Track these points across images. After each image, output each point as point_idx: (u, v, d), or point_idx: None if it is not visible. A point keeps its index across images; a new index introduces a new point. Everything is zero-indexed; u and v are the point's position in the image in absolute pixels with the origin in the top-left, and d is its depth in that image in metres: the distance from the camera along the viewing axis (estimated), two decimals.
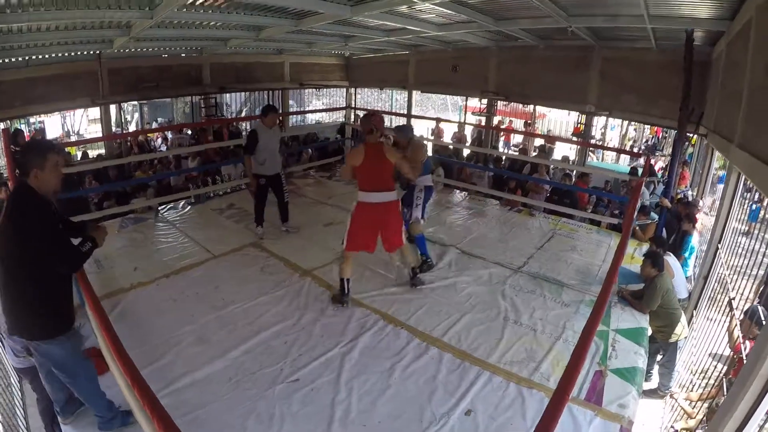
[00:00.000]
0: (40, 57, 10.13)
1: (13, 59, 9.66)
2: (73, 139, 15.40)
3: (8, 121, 10.79)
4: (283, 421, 3.43)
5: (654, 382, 5.98)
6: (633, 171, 10.53)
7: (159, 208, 7.83)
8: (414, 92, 16.32)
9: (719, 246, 6.56)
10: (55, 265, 2.91)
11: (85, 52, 10.69)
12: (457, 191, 9.32)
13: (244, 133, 14.17)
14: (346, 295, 4.98)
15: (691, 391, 5.70)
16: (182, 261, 5.94)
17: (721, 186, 8.33)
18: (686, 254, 7.01)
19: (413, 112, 15.85)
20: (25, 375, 4.68)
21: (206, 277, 5.56)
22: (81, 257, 3.09)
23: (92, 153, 13.55)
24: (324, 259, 6.05)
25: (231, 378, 3.85)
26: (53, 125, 15.34)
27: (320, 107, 19.28)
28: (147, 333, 4.25)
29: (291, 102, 17.25)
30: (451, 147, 12.70)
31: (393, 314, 4.83)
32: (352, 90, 18.08)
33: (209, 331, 4.46)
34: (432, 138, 13.68)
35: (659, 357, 5.88)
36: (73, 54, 10.61)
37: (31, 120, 13.11)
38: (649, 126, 16.46)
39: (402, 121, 14.72)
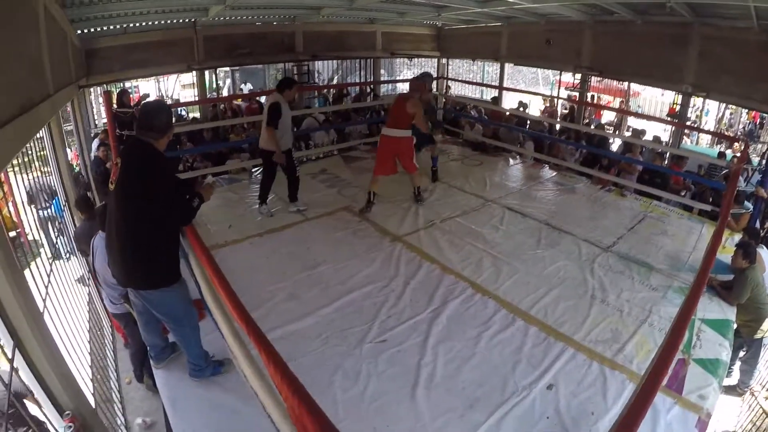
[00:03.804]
0: (138, 25, 10.56)
1: (111, 27, 10.10)
2: (168, 102, 15.91)
3: (105, 85, 11.31)
4: (369, 379, 3.55)
5: (734, 379, 5.80)
6: (721, 155, 10.07)
7: (253, 170, 8.12)
8: (506, 65, 16.04)
9: None
10: (173, 218, 3.10)
11: (182, 20, 11.04)
12: (547, 166, 9.17)
13: (349, 98, 14.90)
14: (371, 204, 6.57)
15: None
16: (275, 222, 6.19)
17: None
18: None
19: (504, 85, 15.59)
20: (120, 320, 5.01)
21: (298, 237, 5.78)
22: (193, 212, 3.28)
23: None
24: (415, 226, 6.18)
25: (321, 334, 4.01)
26: (148, 89, 15.96)
27: (411, 77, 18.95)
28: (240, 287, 4.31)
29: (382, 71, 17.26)
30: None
31: (481, 283, 4.87)
32: (444, 61, 17.90)
33: (301, 288, 4.65)
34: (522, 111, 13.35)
35: (742, 353, 5.67)
36: (169, 22, 10.98)
37: (127, 84, 13.65)
38: (746, 111, 15.65)
39: (493, 92, 14.54)
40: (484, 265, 5.27)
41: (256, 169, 8.08)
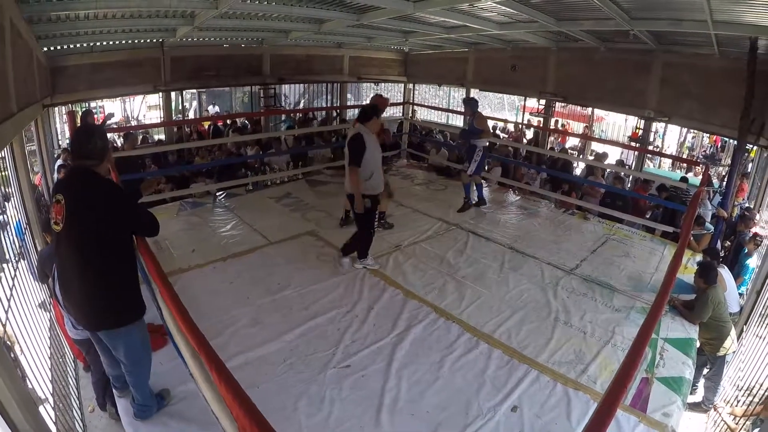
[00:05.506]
0: (105, 43, 10.46)
1: (78, 45, 9.99)
2: (133, 123, 15.76)
3: (70, 105, 11.13)
4: (333, 404, 3.52)
5: (698, 396, 5.88)
6: (684, 179, 10.31)
7: (217, 194, 8.06)
8: (472, 90, 16.25)
9: None
10: (140, 230, 3.08)
11: (149, 40, 10.98)
12: (511, 191, 9.27)
13: (315, 123, 14.67)
14: (345, 220, 6.78)
15: (736, 406, 5.60)
16: (239, 246, 6.10)
17: None
18: (746, 276, 6.87)
19: None
20: (81, 346, 4.86)
21: (262, 262, 5.71)
22: (156, 221, 3.21)
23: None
24: (379, 251, 6.12)
25: (284, 360, 3.97)
26: (113, 110, 15.74)
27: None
28: (203, 312, 4.34)
29: (348, 95, 17.43)
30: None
31: (445, 308, 4.88)
32: (410, 85, 18.09)
33: (264, 313, 4.61)
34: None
35: (706, 370, 5.76)
36: (137, 41, 10.89)
37: (92, 104, 13.45)
38: (708, 135, 16.06)
39: (459, 118, 14.79)
40: (447, 290, 5.28)
41: (221, 193, 8.06)
